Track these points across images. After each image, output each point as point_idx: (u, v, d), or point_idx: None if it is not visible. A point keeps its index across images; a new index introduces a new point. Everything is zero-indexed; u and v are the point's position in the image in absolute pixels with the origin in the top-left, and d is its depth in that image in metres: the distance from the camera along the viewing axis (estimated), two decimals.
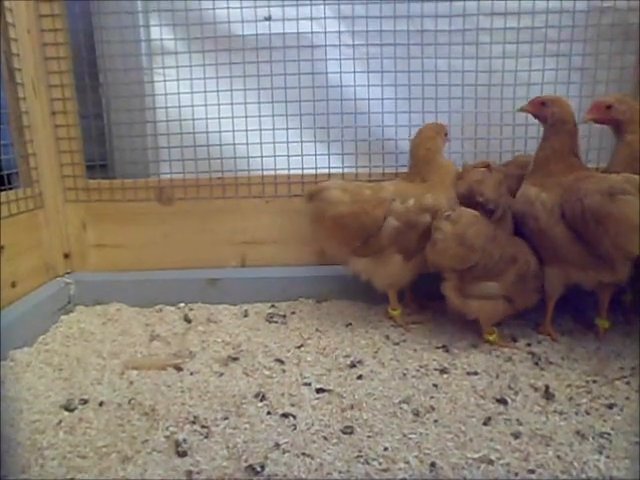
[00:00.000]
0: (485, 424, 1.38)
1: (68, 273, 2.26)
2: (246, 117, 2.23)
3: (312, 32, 2.22)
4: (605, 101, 1.86)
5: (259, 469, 1.22)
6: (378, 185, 1.97)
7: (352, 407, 1.47)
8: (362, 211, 1.88)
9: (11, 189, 2.00)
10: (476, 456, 1.26)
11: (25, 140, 2.06)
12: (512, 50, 2.17)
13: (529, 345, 1.81)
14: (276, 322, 2.04)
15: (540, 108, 1.85)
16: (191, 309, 2.16)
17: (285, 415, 1.43)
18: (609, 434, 1.33)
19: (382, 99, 2.23)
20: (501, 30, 2.17)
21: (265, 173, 2.26)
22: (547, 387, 1.54)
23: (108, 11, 2.22)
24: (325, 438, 1.34)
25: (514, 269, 1.76)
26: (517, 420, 1.40)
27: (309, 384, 1.59)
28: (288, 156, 2.24)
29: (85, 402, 1.51)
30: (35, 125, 2.10)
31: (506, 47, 2.17)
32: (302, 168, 2.23)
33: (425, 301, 2.10)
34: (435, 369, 1.66)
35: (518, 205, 1.85)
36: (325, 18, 2.20)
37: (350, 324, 2.00)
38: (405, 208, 1.87)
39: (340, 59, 2.21)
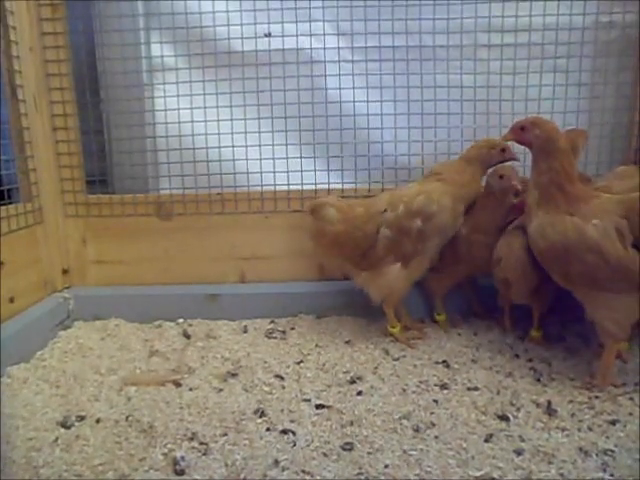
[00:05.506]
0: (487, 441, 1.37)
1: (67, 288, 2.26)
2: (245, 133, 2.24)
3: (311, 48, 2.23)
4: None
5: None
6: (373, 199, 2.00)
7: (352, 423, 1.45)
8: (354, 228, 1.92)
9: (11, 204, 2.00)
10: (478, 474, 1.24)
11: (26, 156, 2.07)
12: (510, 66, 2.19)
13: (530, 361, 1.80)
14: (276, 338, 2.02)
15: (520, 134, 1.68)
16: (190, 325, 2.15)
17: (284, 431, 1.41)
18: (613, 451, 1.31)
19: (381, 115, 2.24)
20: (499, 46, 2.19)
21: (264, 189, 2.26)
22: (549, 403, 1.52)
23: (110, 29, 2.24)
24: (325, 455, 1.32)
25: None
26: (519, 437, 1.38)
27: (309, 400, 1.57)
28: (287, 172, 2.24)
29: (82, 419, 1.49)
30: (36, 141, 2.11)
31: (504, 63, 2.19)
32: (301, 184, 2.24)
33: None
34: (435, 385, 1.65)
35: (557, 237, 1.57)
36: (324, 34, 2.22)
37: (350, 340, 1.98)
38: (395, 216, 1.89)
39: (339, 75, 2.23)
